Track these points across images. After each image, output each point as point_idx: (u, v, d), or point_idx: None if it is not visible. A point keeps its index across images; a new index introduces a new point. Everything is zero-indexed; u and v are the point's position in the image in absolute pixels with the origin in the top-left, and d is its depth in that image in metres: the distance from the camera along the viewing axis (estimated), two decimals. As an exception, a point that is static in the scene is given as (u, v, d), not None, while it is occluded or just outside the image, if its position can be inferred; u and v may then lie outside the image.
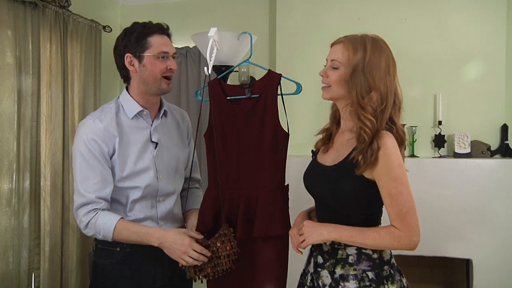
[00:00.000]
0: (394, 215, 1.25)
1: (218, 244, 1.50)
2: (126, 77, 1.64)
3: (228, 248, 1.51)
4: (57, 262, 2.59)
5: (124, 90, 1.66)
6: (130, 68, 1.59)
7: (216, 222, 1.59)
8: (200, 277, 1.52)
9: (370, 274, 1.31)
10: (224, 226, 1.53)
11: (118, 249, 1.60)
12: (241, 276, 1.60)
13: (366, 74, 1.27)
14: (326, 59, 1.36)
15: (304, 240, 1.34)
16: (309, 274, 1.44)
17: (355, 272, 1.31)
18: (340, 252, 1.35)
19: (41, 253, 2.46)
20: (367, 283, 1.29)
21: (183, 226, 1.74)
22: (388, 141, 1.24)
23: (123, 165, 1.57)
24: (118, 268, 1.60)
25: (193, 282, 1.64)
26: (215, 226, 1.58)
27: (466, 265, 2.61)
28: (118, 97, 1.67)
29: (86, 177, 1.53)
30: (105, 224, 1.50)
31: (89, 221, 1.51)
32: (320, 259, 1.39)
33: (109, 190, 1.55)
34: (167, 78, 1.59)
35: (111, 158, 1.56)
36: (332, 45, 1.37)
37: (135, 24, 1.60)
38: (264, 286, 1.58)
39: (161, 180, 1.63)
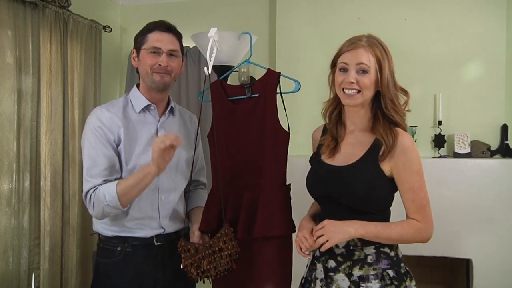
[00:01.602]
0: (414, 208, 1.30)
1: (220, 244, 1.50)
2: (138, 73, 1.69)
3: (229, 247, 1.51)
4: (57, 262, 2.59)
5: (134, 86, 1.70)
6: (133, 62, 1.67)
7: (220, 222, 1.59)
8: (202, 277, 1.52)
9: (391, 272, 1.31)
10: (225, 226, 1.54)
11: (119, 248, 1.60)
12: (245, 276, 1.60)
13: (392, 73, 1.33)
14: (347, 63, 1.32)
15: (327, 241, 1.29)
16: (317, 281, 1.40)
17: (375, 272, 1.31)
18: (357, 253, 1.33)
19: (41, 253, 2.46)
20: (388, 282, 1.30)
21: (187, 226, 1.73)
22: (407, 137, 1.31)
23: (128, 158, 1.58)
24: (119, 268, 1.60)
25: (196, 284, 1.63)
26: (218, 226, 1.58)
27: (466, 265, 2.61)
28: (128, 93, 1.71)
29: (94, 164, 1.54)
30: (107, 189, 1.49)
31: (93, 198, 1.51)
32: (332, 263, 1.36)
33: (115, 177, 1.56)
34: (159, 72, 1.59)
35: (117, 147, 1.58)
36: (347, 49, 1.34)
37: (148, 23, 1.65)
38: (267, 286, 1.58)
39: (162, 176, 1.63)
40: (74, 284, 2.68)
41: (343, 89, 1.33)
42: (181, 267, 1.50)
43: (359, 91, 1.31)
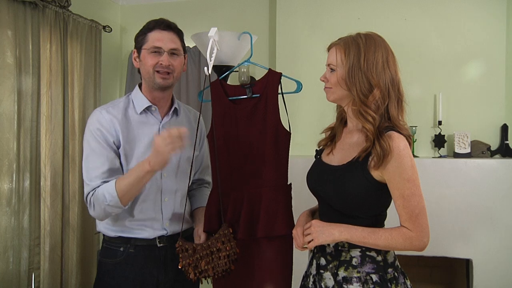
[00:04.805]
0: (406, 216, 1.24)
1: (219, 245, 1.50)
2: (139, 73, 1.68)
3: (228, 248, 1.50)
4: (57, 262, 2.59)
5: (137, 86, 1.69)
6: (134, 63, 1.65)
7: (221, 222, 1.59)
8: (200, 277, 1.52)
9: (374, 277, 1.29)
10: (223, 226, 1.53)
11: (121, 249, 1.60)
12: (246, 276, 1.59)
13: (364, 71, 1.26)
14: (326, 64, 1.36)
15: (312, 240, 1.31)
16: (311, 276, 1.42)
17: (358, 275, 1.30)
18: (343, 254, 1.33)
19: (41, 253, 2.46)
20: (371, 286, 1.28)
21: (191, 227, 1.73)
22: (401, 142, 1.23)
23: (129, 159, 1.57)
24: (121, 268, 1.60)
25: (200, 284, 1.63)
26: (220, 226, 1.58)
27: (466, 265, 2.61)
28: (130, 93, 1.70)
29: (93, 166, 1.54)
30: (106, 189, 1.48)
31: (92, 199, 1.51)
32: (323, 261, 1.37)
33: (115, 178, 1.53)
34: (161, 72, 1.58)
35: (118, 149, 1.57)
36: (328, 50, 1.38)
37: (148, 21, 1.64)
38: (269, 286, 1.57)
39: (165, 178, 1.63)
40: (74, 284, 2.68)
41: None
42: (179, 267, 1.50)
43: (331, 88, 1.34)
